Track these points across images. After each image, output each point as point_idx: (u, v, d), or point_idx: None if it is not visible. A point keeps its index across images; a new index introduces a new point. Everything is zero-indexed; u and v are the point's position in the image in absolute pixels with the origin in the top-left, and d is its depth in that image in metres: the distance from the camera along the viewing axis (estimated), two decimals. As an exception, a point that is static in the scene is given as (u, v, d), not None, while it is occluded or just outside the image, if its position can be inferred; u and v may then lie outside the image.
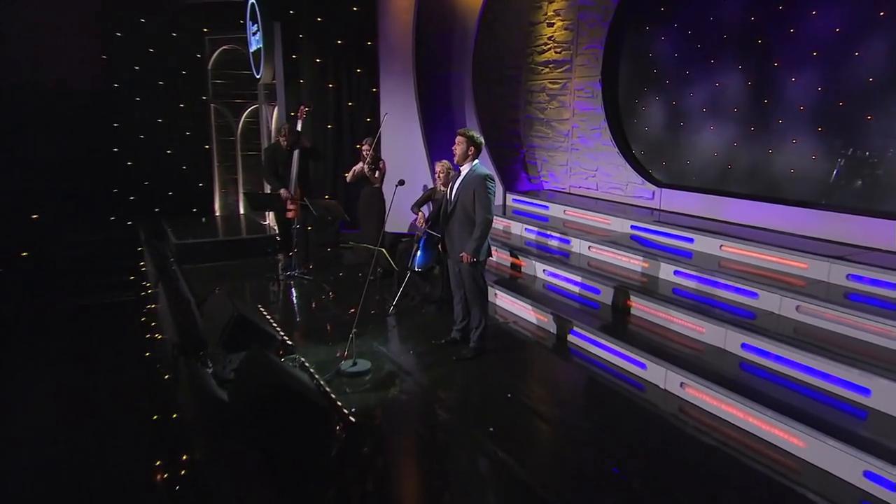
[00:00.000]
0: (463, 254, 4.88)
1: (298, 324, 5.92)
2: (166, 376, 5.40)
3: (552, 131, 9.13)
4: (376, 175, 6.93)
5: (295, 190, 7.30)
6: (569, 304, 5.91)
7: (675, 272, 5.77)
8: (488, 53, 9.34)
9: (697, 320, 4.93)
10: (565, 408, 4.33)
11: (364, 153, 7.01)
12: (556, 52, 8.94)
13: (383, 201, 7.22)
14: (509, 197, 8.84)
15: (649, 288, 5.58)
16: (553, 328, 5.69)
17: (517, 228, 7.77)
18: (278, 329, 5.45)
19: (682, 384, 4.40)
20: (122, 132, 10.22)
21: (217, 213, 11.21)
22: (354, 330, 4.90)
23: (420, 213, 6.43)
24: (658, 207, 7.65)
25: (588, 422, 4.13)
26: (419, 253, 6.22)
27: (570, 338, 5.46)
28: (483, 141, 5.00)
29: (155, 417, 5.15)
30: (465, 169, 4.95)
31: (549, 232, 7.37)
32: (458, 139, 4.90)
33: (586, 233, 7.02)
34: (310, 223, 7.53)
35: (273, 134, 9.69)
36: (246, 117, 11.09)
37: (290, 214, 7.28)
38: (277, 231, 7.81)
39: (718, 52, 7.16)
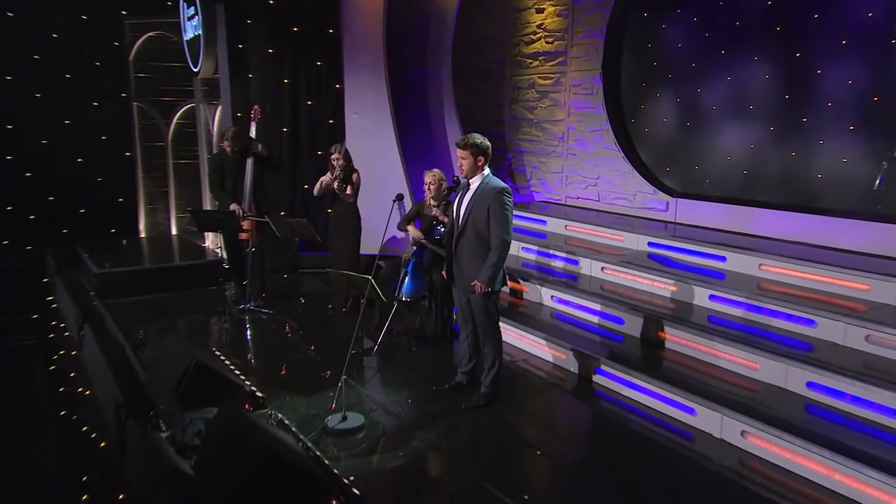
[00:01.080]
0: (475, 282, 4.73)
1: (264, 370, 5.67)
2: (102, 444, 5.01)
3: (544, 134, 9.09)
4: (347, 191, 6.70)
5: (249, 206, 7.03)
6: (588, 337, 5.79)
7: (711, 297, 5.70)
8: (470, 44, 9.26)
9: (749, 354, 4.85)
10: (607, 465, 4.16)
11: (334, 163, 6.77)
12: (546, 43, 8.91)
13: (358, 219, 7.03)
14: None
15: (682, 316, 5.49)
16: (573, 367, 5.55)
17: (513, 247, 7.51)
18: (242, 378, 5.13)
19: (743, 433, 4.28)
20: (17, 136, 9.60)
21: (142, 235, 10.74)
22: (344, 377, 4.64)
23: (411, 229, 6.27)
24: (673, 220, 7.64)
25: (637, 483, 3.96)
26: (407, 279, 6.07)
27: (596, 378, 5.34)
28: (490, 144, 4.84)
29: (86, 498, 4.76)
30: (474, 182, 4.83)
31: (551, 251, 7.25)
32: (462, 153, 4.76)
33: (595, 251, 6.94)
34: (266, 246, 7.33)
35: (215, 139, 9.39)
36: (179, 119, 10.70)
37: (243, 236, 7.04)
38: (226, 256, 7.54)
39: (732, 42, 7.20)
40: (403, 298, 6.04)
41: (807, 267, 5.59)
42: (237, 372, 5.31)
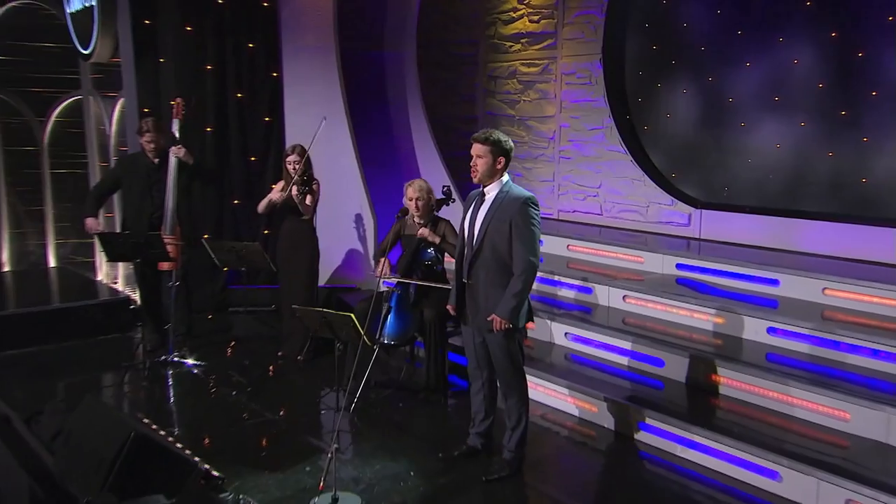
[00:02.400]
0: (494, 317, 4.56)
1: (214, 442, 5.35)
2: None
3: (529, 134, 9.05)
4: (307, 202, 6.48)
5: (173, 227, 6.74)
6: (619, 384, 5.68)
7: (770, 330, 5.66)
8: (436, 24, 9.19)
9: (837, 402, 4.77)
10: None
11: (290, 167, 6.54)
12: (531, 22, 8.88)
13: (315, 241, 6.85)
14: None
15: (735, 354, 5.47)
16: (607, 421, 5.41)
17: None
18: (188, 453, 4.76)
19: (848, 502, 4.17)
20: None
21: (5, 268, 10.25)
22: (335, 445, 4.38)
23: (383, 262, 6.11)
24: (698, 237, 7.67)
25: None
26: (391, 317, 5.91)
27: (640, 435, 5.23)
28: (513, 145, 4.74)
29: None
30: (492, 190, 4.70)
31: (555, 277, 7.16)
32: (479, 148, 4.62)
33: (611, 277, 6.89)
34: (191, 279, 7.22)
35: (113, 141, 8.95)
36: (59, 116, 10.31)
37: (165, 266, 6.74)
38: (139, 292, 7.21)
39: (752, 21, 7.29)
40: (386, 342, 5.86)
41: (884, 290, 5.60)
42: (179, 445, 4.93)
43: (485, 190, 4.71)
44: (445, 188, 6.24)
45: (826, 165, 6.92)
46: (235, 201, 8.49)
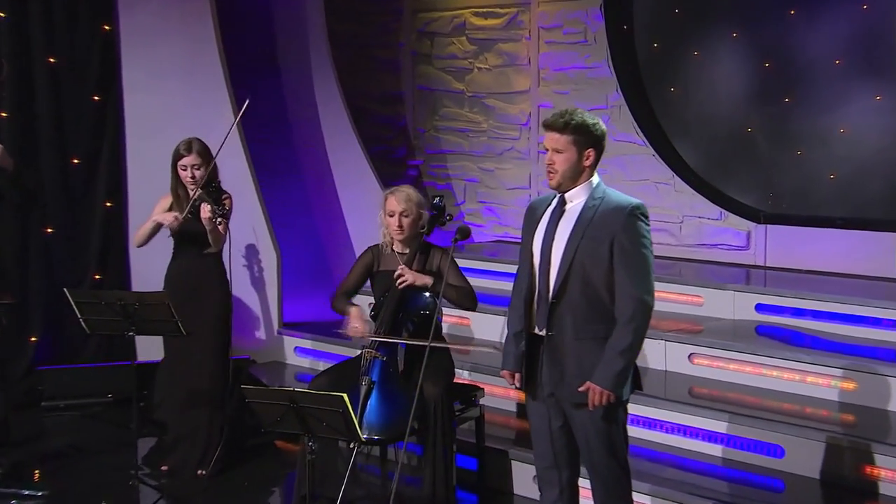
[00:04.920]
0: (591, 386, 4.44)
1: None
2: None
3: (487, 118, 9.13)
4: (221, 227, 6.16)
5: None
6: (715, 487, 5.61)
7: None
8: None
9: None
10: None
11: (186, 174, 6.43)
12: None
13: (227, 284, 6.77)
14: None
15: (883, 435, 5.54)
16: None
17: (495, 328, 7.49)
18: None
19: None
20: None
21: None
22: None
23: (355, 312, 6.00)
24: (762, 264, 7.85)
25: None
26: (373, 398, 5.80)
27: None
28: (605, 129, 4.69)
29: None
30: (576, 197, 4.63)
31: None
32: (556, 139, 4.54)
33: (661, 330, 6.91)
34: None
35: None
36: None
37: None
38: None
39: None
40: (367, 436, 5.69)
41: None
42: None
43: (565, 197, 4.63)
44: (437, 200, 6.07)
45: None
46: (48, 229, 8.29)
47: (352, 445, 5.65)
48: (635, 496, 5.34)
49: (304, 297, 8.52)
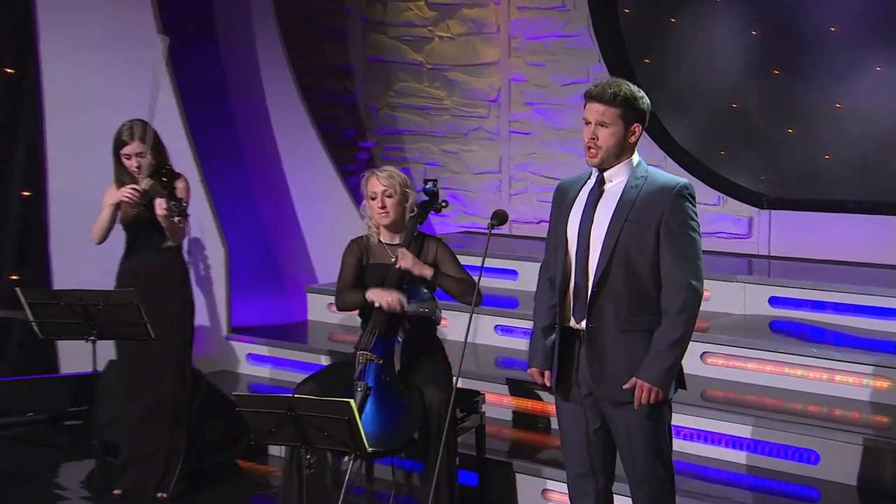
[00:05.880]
0: (638, 382, 4.52)
1: None
2: None
3: (451, 94, 9.20)
4: (176, 219, 6.20)
5: None
6: (740, 497, 5.77)
7: None
8: None
9: None
10: None
11: (132, 162, 6.42)
12: None
13: (188, 280, 6.80)
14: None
15: None
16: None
17: (483, 329, 7.78)
18: None
19: None
20: None
21: None
22: None
23: (370, 292, 5.92)
24: (766, 253, 8.00)
25: None
26: (369, 406, 5.81)
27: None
28: (649, 103, 4.72)
29: None
30: (616, 175, 4.69)
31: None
32: (601, 111, 4.56)
33: None
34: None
35: None
36: None
37: None
38: None
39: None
40: (369, 448, 5.44)
41: None
42: None
43: (605, 175, 4.68)
44: (430, 184, 6.10)
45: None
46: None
47: (347, 459, 5.67)
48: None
49: (252, 298, 8.51)
